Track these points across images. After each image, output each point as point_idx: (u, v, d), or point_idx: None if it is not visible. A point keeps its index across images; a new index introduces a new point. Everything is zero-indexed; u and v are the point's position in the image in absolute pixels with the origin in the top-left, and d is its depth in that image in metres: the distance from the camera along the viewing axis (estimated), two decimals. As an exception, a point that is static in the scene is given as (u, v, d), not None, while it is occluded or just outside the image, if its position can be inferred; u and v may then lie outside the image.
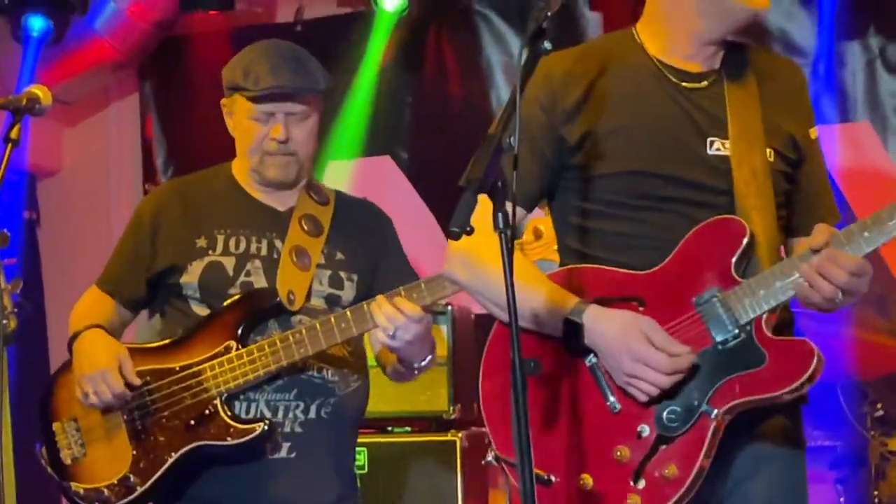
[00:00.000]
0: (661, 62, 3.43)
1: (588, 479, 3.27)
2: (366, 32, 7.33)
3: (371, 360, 4.46)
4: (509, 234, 2.88)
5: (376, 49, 7.32)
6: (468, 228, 2.85)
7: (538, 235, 4.28)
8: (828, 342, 5.71)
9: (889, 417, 6.15)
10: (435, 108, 7.53)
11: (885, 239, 3.21)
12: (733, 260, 3.26)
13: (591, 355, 3.30)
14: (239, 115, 4.31)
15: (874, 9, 6.82)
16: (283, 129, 4.26)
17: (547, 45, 3.14)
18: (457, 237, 2.85)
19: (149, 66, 8.04)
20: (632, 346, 3.21)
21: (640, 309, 3.29)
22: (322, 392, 4.25)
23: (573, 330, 3.27)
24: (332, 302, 4.31)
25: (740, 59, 3.48)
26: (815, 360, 3.18)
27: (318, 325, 4.15)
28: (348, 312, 4.15)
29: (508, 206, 2.91)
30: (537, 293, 3.32)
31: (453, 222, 2.85)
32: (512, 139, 2.94)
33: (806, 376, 3.18)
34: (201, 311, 4.27)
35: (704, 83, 3.43)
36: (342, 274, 4.33)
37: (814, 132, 3.51)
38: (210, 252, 4.29)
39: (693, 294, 3.27)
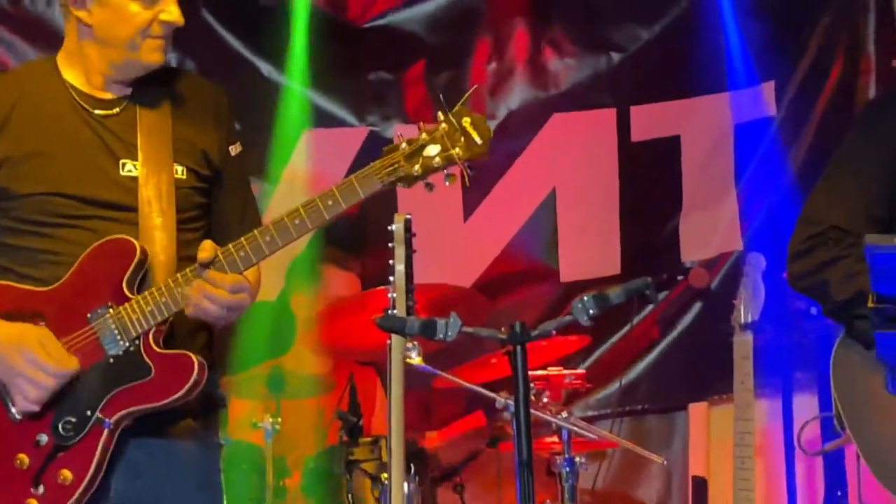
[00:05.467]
0: (77, 90, 3.76)
1: None
2: None
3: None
4: None
5: None
6: None
7: None
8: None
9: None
10: None
11: (259, 258, 3.60)
12: (125, 277, 3.60)
13: None
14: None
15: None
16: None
17: None
18: None
19: None
20: (25, 350, 3.54)
21: (41, 323, 3.60)
22: None
23: None
24: None
25: (157, 85, 3.81)
26: (195, 371, 3.56)
27: None
28: None
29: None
30: None
31: None
32: None
33: (188, 387, 3.55)
34: None
35: (116, 110, 3.76)
36: None
37: (234, 149, 3.88)
38: None
39: (88, 310, 3.61)
